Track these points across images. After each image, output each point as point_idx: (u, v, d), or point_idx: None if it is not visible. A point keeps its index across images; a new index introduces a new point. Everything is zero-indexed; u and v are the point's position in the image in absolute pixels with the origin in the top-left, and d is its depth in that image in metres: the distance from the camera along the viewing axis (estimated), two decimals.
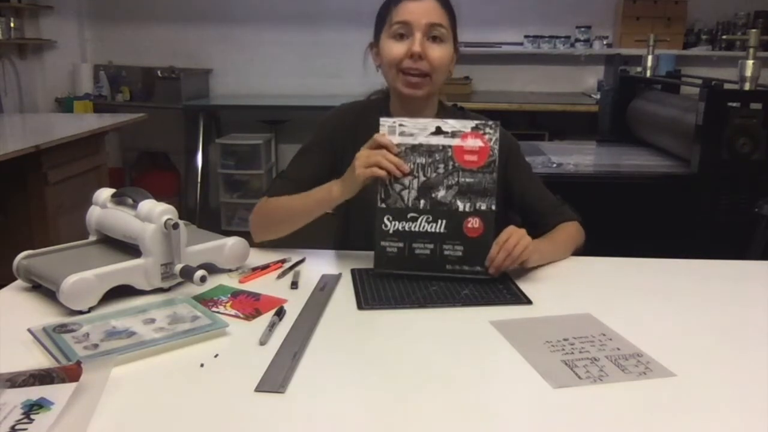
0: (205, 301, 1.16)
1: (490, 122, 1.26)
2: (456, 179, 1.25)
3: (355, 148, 1.50)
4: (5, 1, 4.21)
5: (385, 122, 1.27)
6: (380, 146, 1.26)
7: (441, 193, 1.26)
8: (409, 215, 1.27)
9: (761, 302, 1.21)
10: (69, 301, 1.08)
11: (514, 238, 1.24)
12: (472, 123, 1.25)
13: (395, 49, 1.39)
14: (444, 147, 1.25)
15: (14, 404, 0.78)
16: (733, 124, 2.11)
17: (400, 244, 1.27)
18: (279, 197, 1.45)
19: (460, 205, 1.26)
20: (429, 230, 1.26)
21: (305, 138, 1.56)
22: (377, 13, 1.46)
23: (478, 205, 1.25)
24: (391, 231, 1.27)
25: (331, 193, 1.33)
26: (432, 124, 1.26)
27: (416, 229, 1.27)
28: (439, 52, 1.39)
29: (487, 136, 1.25)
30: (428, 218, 1.26)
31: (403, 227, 1.27)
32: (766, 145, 2.12)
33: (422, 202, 1.26)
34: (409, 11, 1.38)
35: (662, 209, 2.20)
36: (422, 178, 1.26)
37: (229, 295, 1.20)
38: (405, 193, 1.26)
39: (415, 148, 1.26)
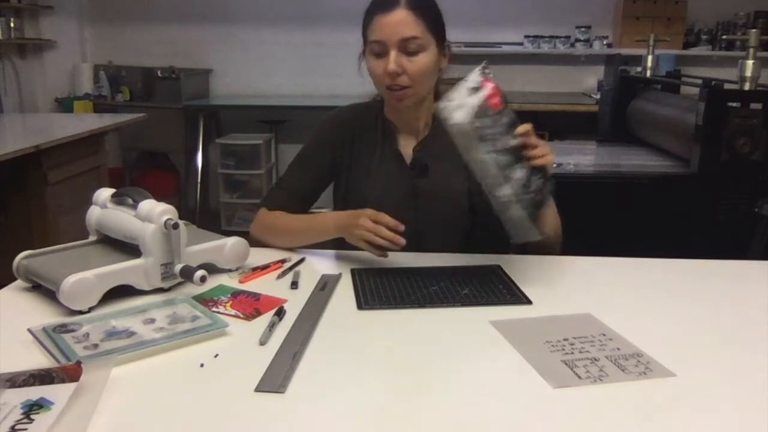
0: (205, 301, 1.16)
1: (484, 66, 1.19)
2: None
3: (353, 151, 1.52)
4: (5, 1, 4.21)
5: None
6: (380, 221, 1.28)
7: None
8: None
9: (761, 302, 1.21)
10: (69, 301, 1.08)
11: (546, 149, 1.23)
12: (477, 73, 1.18)
13: (376, 68, 1.40)
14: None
15: (14, 404, 0.78)
16: (733, 124, 2.11)
17: None
18: (280, 214, 1.48)
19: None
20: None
21: (305, 138, 1.56)
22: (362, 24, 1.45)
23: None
24: None
25: (328, 231, 1.40)
26: (464, 86, 1.16)
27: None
28: (416, 65, 1.38)
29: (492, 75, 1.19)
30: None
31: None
32: (766, 145, 2.12)
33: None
34: (381, 29, 1.37)
35: (662, 209, 2.20)
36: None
37: (229, 295, 1.20)
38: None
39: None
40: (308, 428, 0.80)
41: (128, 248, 1.22)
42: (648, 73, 2.96)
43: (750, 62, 2.14)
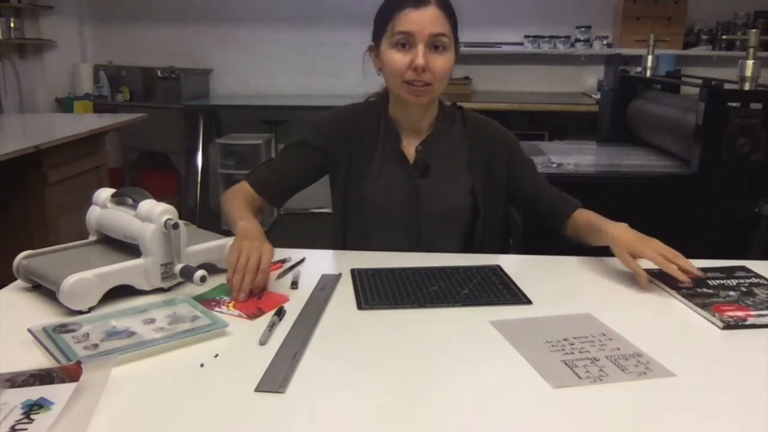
0: (206, 301, 1.16)
1: None
2: None
3: (352, 151, 1.51)
4: (5, 1, 4.21)
5: None
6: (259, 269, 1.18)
7: None
8: None
9: None
10: (69, 301, 1.08)
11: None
12: None
13: (398, 60, 1.38)
14: None
15: (14, 404, 0.78)
16: (733, 124, 2.11)
17: None
18: (239, 195, 1.48)
19: None
20: None
21: None
22: (375, 16, 1.44)
23: None
24: None
25: (234, 231, 1.32)
26: None
27: None
28: (442, 62, 1.38)
29: None
30: None
31: None
32: (766, 145, 2.11)
33: None
34: (412, 21, 1.36)
35: (662, 209, 2.20)
36: None
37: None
38: None
39: None
40: (308, 428, 0.80)
41: (128, 248, 1.22)
42: (648, 73, 2.96)
43: (750, 62, 2.14)
